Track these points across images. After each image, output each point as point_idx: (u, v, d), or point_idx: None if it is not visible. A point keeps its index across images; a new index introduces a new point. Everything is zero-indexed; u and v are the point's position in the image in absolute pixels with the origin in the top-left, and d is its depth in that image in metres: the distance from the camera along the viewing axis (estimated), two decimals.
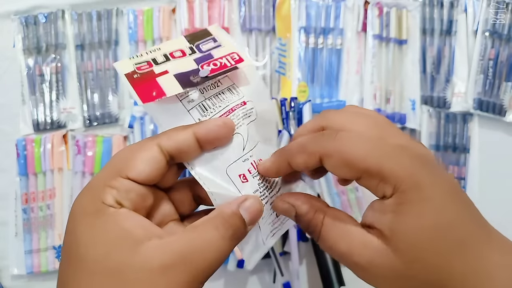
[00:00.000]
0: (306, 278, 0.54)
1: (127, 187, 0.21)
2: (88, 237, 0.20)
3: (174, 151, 0.22)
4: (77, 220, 0.21)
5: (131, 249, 0.20)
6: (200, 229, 0.22)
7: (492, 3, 0.59)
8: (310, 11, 0.58)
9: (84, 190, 0.22)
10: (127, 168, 0.22)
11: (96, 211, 0.21)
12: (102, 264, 0.20)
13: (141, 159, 0.22)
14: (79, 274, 0.20)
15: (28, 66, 0.57)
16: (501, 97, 0.58)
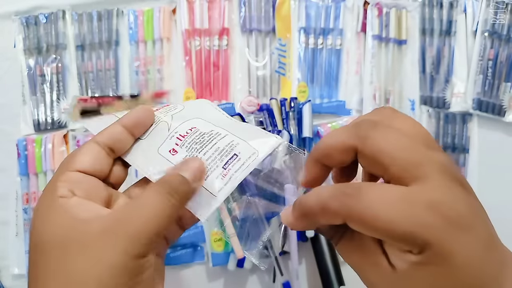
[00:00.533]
0: (306, 278, 0.54)
1: (76, 178, 0.24)
2: (41, 225, 0.23)
3: (109, 142, 0.26)
4: (39, 215, 0.24)
5: (80, 227, 0.22)
6: (140, 196, 0.24)
7: (492, 3, 0.59)
8: (310, 11, 0.58)
9: (43, 190, 0.25)
10: (73, 163, 0.25)
11: (50, 203, 0.24)
12: (51, 243, 0.22)
13: (83, 153, 0.25)
14: (38, 257, 0.23)
15: (28, 66, 0.58)
16: (501, 97, 0.58)
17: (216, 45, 0.57)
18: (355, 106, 0.58)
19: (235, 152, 0.27)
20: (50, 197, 0.24)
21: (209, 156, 0.27)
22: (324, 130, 0.56)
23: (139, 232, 0.22)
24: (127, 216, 0.23)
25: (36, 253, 0.23)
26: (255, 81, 0.57)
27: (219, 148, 0.27)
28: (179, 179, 0.24)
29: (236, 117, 0.51)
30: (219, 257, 0.52)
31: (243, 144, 0.28)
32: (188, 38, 0.57)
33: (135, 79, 0.57)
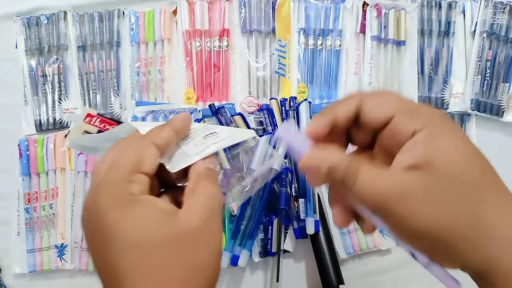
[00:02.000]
0: (306, 277, 0.55)
1: (144, 180, 0.25)
2: (133, 223, 0.23)
3: (164, 146, 0.27)
4: (111, 211, 0.24)
5: (174, 221, 0.24)
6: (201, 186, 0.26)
7: (490, 4, 0.59)
8: (309, 12, 0.58)
9: (102, 188, 0.25)
10: (141, 165, 0.25)
11: (129, 201, 0.24)
12: (155, 240, 0.23)
13: (148, 156, 0.26)
14: (143, 252, 0.23)
15: (30, 67, 0.58)
16: (499, 98, 0.58)
17: (217, 46, 0.58)
18: None
19: (215, 131, 0.31)
20: (122, 193, 0.24)
21: (193, 128, 0.31)
22: None
23: (221, 212, 0.26)
24: (210, 204, 0.26)
25: (123, 251, 0.23)
26: (255, 82, 0.58)
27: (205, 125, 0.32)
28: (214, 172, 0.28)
29: (237, 116, 0.52)
30: None
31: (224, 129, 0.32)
32: (189, 39, 0.58)
33: (136, 79, 0.57)
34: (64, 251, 0.54)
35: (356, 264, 0.55)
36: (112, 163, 0.26)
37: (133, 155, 0.26)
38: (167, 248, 0.23)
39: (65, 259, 0.54)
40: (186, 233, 0.24)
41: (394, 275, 0.55)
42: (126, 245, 0.23)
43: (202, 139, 0.30)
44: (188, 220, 0.24)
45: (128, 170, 0.25)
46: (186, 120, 0.30)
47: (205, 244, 0.24)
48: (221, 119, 0.53)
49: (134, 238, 0.23)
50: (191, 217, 0.24)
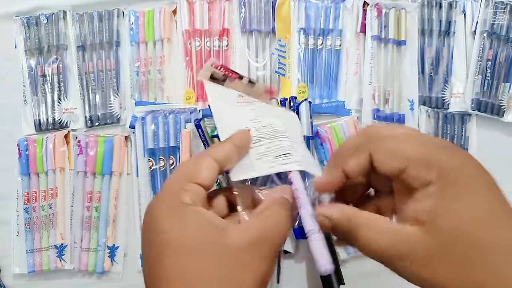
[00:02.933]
0: (306, 278, 0.55)
1: (197, 190, 0.26)
2: (179, 227, 0.24)
3: (224, 161, 0.28)
4: (163, 217, 0.25)
5: (219, 234, 0.24)
6: (267, 212, 0.26)
7: (491, 4, 0.59)
8: (310, 12, 0.58)
9: (160, 194, 0.27)
10: (196, 176, 0.26)
11: (179, 208, 0.25)
12: (202, 249, 0.24)
13: (205, 168, 0.27)
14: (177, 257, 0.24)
15: (30, 66, 0.58)
16: (499, 98, 0.58)
17: (216, 46, 0.58)
18: (355, 106, 0.58)
19: (290, 152, 0.32)
20: (175, 201, 0.25)
21: (271, 147, 0.32)
22: (324, 130, 0.56)
23: (277, 244, 0.26)
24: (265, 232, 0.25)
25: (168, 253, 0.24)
26: None
27: (280, 145, 0.33)
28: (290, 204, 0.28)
29: None
30: None
31: (298, 154, 0.33)
32: (189, 39, 0.57)
33: (136, 79, 0.57)
34: (64, 251, 0.54)
35: (357, 264, 0.54)
36: (173, 174, 0.27)
37: (190, 166, 0.27)
38: (209, 259, 0.23)
39: (64, 259, 0.54)
40: (226, 249, 0.24)
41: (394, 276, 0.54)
42: (167, 249, 0.24)
43: (273, 159, 0.31)
44: (234, 238, 0.24)
45: (183, 179, 0.26)
46: (245, 135, 0.31)
47: (243, 268, 0.24)
48: None
49: (178, 245, 0.24)
50: (238, 236, 0.24)
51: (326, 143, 0.55)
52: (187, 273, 0.23)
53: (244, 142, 0.30)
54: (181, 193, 0.25)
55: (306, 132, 0.52)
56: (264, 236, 0.25)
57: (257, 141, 0.32)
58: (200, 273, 0.23)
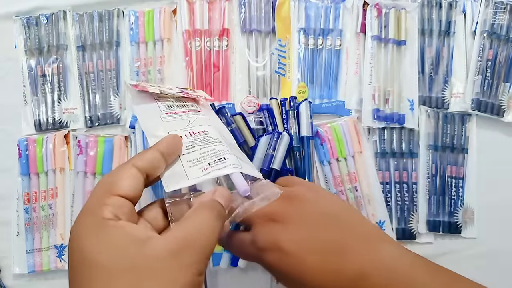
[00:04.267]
0: None
1: (119, 203, 0.25)
2: (97, 247, 0.23)
3: (148, 168, 0.27)
4: (83, 236, 0.24)
5: (139, 247, 0.23)
6: (192, 218, 0.25)
7: (491, 4, 0.59)
8: (310, 12, 0.58)
9: (81, 213, 0.25)
10: (116, 187, 0.25)
11: (99, 225, 0.23)
12: (117, 265, 0.22)
13: (125, 178, 0.25)
14: (98, 280, 0.22)
15: (30, 66, 0.58)
16: (500, 98, 0.58)
17: (216, 46, 0.58)
18: (355, 106, 0.58)
19: (224, 157, 0.32)
20: (95, 218, 0.24)
21: (204, 152, 0.31)
22: (324, 130, 0.56)
23: (203, 251, 0.24)
24: (190, 237, 0.24)
25: (89, 275, 0.22)
26: (255, 82, 0.58)
27: (214, 150, 0.32)
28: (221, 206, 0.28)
29: (238, 116, 0.52)
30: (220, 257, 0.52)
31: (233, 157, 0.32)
32: (189, 39, 0.57)
33: (136, 79, 0.57)
34: (64, 251, 0.54)
35: None
36: (94, 188, 0.26)
37: (108, 179, 0.26)
38: (123, 276, 0.22)
39: (64, 259, 0.54)
40: (145, 261, 0.22)
41: None
42: (87, 268, 0.22)
43: (207, 165, 0.31)
44: (154, 248, 0.23)
45: (103, 193, 0.25)
46: (174, 140, 0.29)
47: (168, 278, 0.22)
48: (221, 119, 0.53)
49: (95, 261, 0.22)
50: (158, 245, 0.23)
51: (326, 143, 0.55)
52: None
53: (172, 148, 0.29)
54: (102, 208, 0.24)
55: (306, 132, 0.52)
56: (186, 244, 0.24)
57: (189, 147, 0.31)
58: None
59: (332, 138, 0.56)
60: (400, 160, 0.57)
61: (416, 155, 0.58)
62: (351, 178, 0.56)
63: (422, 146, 0.58)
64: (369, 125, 0.57)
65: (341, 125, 0.56)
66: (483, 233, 0.55)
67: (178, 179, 0.29)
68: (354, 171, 0.56)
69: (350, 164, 0.56)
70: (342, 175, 0.56)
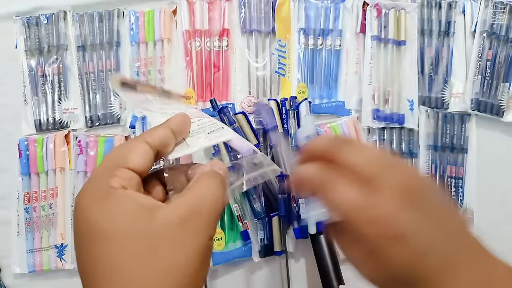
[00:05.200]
0: (306, 277, 0.55)
1: (129, 175, 0.25)
2: (106, 215, 0.23)
3: (159, 145, 0.27)
4: (90, 205, 0.24)
5: (149, 215, 0.23)
6: (197, 186, 0.26)
7: (490, 4, 0.59)
8: (309, 12, 0.58)
9: (88, 182, 0.25)
10: (127, 160, 0.25)
11: (106, 193, 0.24)
12: (128, 234, 0.22)
13: (137, 153, 0.25)
14: (110, 248, 0.22)
15: (30, 67, 0.58)
16: (499, 98, 0.58)
17: (217, 46, 0.58)
18: (354, 107, 0.58)
19: (223, 127, 0.32)
20: (103, 187, 0.24)
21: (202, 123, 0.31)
22: (324, 130, 0.56)
23: (211, 216, 0.25)
24: (198, 204, 0.24)
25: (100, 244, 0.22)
26: (255, 82, 0.58)
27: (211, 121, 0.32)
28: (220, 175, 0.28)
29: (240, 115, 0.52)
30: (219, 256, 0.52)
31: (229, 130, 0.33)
32: (189, 39, 0.57)
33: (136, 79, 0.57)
34: (64, 251, 0.54)
35: None
36: (103, 159, 0.26)
37: (120, 151, 0.26)
38: (135, 242, 0.22)
39: (64, 259, 0.54)
40: (157, 228, 0.23)
41: None
42: (95, 237, 0.23)
43: (206, 135, 0.31)
44: (164, 216, 0.23)
45: (111, 164, 0.25)
46: (184, 119, 0.29)
47: (178, 245, 0.23)
48: (224, 119, 0.53)
49: (103, 230, 0.23)
50: (168, 213, 0.23)
51: None
52: (115, 260, 0.22)
53: (181, 126, 0.29)
54: (109, 178, 0.24)
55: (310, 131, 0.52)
56: (194, 210, 0.24)
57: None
58: (128, 259, 0.22)
59: None
60: None
61: (415, 155, 0.58)
62: None
63: (422, 146, 0.58)
64: (369, 125, 0.57)
65: (340, 125, 0.56)
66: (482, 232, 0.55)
67: (179, 148, 0.29)
68: None
69: None
70: None
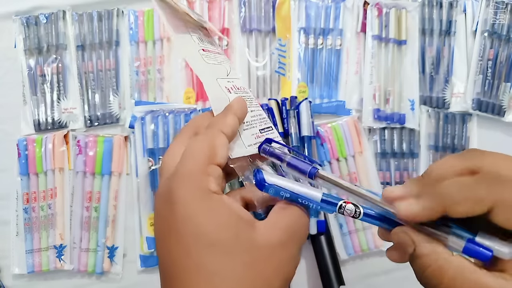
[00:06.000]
0: (306, 278, 0.54)
1: (217, 173, 0.25)
2: (212, 221, 0.23)
3: (231, 134, 0.27)
4: (191, 204, 0.23)
5: (248, 229, 0.23)
6: (289, 210, 0.25)
7: (491, 3, 0.59)
8: (310, 11, 0.58)
9: (182, 179, 0.24)
10: (214, 156, 0.25)
11: (207, 197, 0.23)
12: (234, 244, 0.22)
13: (221, 146, 0.25)
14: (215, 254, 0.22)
15: (29, 66, 0.58)
16: (500, 98, 0.58)
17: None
18: (355, 106, 0.58)
19: (272, 126, 0.31)
20: (202, 189, 0.23)
21: (254, 115, 0.30)
22: (324, 130, 0.56)
23: (302, 242, 0.25)
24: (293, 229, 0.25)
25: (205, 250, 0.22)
26: (255, 81, 0.57)
27: (261, 115, 0.31)
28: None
29: None
30: None
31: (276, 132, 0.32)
32: None
33: (135, 79, 0.57)
34: (63, 251, 0.54)
35: (357, 264, 0.54)
36: (188, 153, 0.25)
37: (207, 145, 0.25)
38: (239, 256, 0.22)
39: (64, 259, 0.54)
40: (261, 247, 0.23)
41: (395, 276, 0.54)
42: (196, 242, 0.22)
43: (258, 132, 0.30)
44: (266, 235, 0.23)
45: (204, 161, 0.24)
46: (244, 105, 0.29)
47: (277, 268, 0.23)
48: None
49: (207, 237, 0.22)
50: (270, 233, 0.23)
51: (326, 143, 0.55)
52: (218, 268, 0.22)
53: (243, 113, 0.29)
54: (206, 177, 0.24)
55: (307, 131, 0.52)
56: (292, 233, 0.24)
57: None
58: (231, 269, 0.22)
59: (333, 138, 0.56)
60: (401, 160, 0.57)
61: (416, 155, 0.57)
62: (352, 178, 0.55)
63: (423, 146, 0.58)
64: (370, 125, 0.57)
65: (341, 125, 0.56)
66: None
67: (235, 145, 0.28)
68: (355, 171, 0.56)
69: (351, 164, 0.56)
70: (343, 175, 0.55)
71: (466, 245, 0.22)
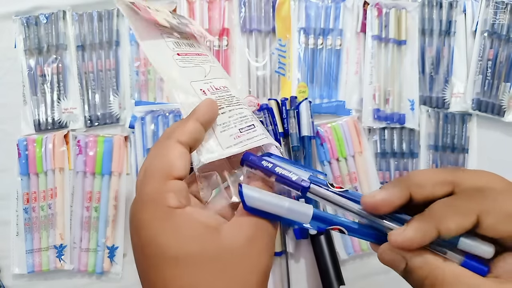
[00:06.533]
0: (306, 278, 0.54)
1: (178, 186, 0.24)
2: (175, 238, 0.22)
3: (191, 142, 0.25)
4: (154, 225, 0.23)
5: (215, 237, 0.23)
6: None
7: (491, 3, 0.59)
8: (310, 12, 0.58)
9: (142, 202, 0.24)
10: (172, 170, 0.24)
11: (167, 216, 0.23)
12: (198, 257, 0.22)
13: (177, 158, 0.24)
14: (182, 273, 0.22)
15: (29, 66, 0.58)
16: (500, 98, 0.58)
17: (216, 45, 0.57)
18: (355, 106, 0.58)
19: (253, 124, 0.29)
20: (162, 208, 0.23)
21: (232, 115, 0.29)
22: (324, 130, 0.56)
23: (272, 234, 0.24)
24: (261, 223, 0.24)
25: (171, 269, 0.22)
26: (255, 81, 0.58)
27: (242, 113, 0.29)
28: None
29: None
30: None
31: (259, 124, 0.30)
32: None
33: (135, 79, 0.57)
34: (63, 251, 0.54)
35: (357, 264, 0.54)
36: (145, 173, 0.25)
37: (161, 161, 0.24)
38: (207, 265, 0.22)
39: (64, 259, 0.54)
40: (227, 250, 0.22)
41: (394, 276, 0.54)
42: (162, 262, 0.22)
43: (238, 131, 0.28)
44: (231, 237, 0.23)
45: (160, 179, 0.24)
46: (211, 107, 0.27)
47: (249, 264, 0.23)
48: None
49: (171, 254, 0.22)
50: (235, 233, 0.23)
51: (326, 143, 0.55)
52: (189, 284, 0.22)
53: (210, 116, 0.27)
54: (164, 195, 0.23)
55: (307, 131, 0.52)
56: (258, 228, 0.24)
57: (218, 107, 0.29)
58: (203, 282, 0.22)
59: (332, 138, 0.56)
60: (401, 160, 0.57)
61: (416, 155, 0.57)
62: (351, 178, 0.55)
63: (423, 146, 0.58)
64: (370, 125, 0.57)
65: (341, 125, 0.56)
66: None
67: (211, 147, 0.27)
68: (355, 171, 0.56)
69: (351, 164, 0.56)
70: (343, 175, 0.55)
71: (462, 263, 0.22)
